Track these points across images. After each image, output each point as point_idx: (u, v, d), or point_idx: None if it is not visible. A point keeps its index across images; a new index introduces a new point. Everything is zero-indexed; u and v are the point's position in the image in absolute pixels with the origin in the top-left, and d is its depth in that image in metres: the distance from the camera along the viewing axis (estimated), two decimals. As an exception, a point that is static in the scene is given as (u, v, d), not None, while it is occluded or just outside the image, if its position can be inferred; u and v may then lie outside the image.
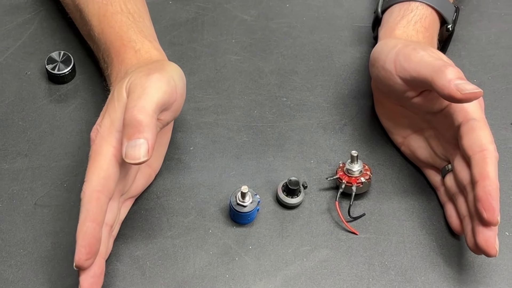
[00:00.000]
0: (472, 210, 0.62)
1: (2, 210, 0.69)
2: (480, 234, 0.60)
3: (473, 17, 0.86)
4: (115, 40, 0.70)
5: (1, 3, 0.85)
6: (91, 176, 0.58)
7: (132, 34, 0.69)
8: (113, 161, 0.59)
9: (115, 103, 0.61)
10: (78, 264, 0.57)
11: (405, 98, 0.68)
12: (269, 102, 0.78)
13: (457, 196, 0.66)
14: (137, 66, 0.65)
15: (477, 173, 0.61)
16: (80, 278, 0.58)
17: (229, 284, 0.66)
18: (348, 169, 0.70)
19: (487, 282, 0.67)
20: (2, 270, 0.66)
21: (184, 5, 0.86)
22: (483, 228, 0.60)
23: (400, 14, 0.74)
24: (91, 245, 0.57)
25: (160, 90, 0.60)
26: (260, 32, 0.84)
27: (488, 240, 0.60)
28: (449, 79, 0.60)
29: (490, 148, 0.62)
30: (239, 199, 0.68)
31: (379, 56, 0.69)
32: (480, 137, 0.62)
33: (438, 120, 0.67)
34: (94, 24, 0.72)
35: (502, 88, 0.80)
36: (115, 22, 0.71)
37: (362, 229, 0.70)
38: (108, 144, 0.59)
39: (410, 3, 0.74)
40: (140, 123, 0.57)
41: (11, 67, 0.79)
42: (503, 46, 0.84)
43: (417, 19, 0.73)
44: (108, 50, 0.70)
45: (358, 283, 0.67)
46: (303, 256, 0.68)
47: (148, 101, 0.58)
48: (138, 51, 0.68)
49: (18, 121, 0.75)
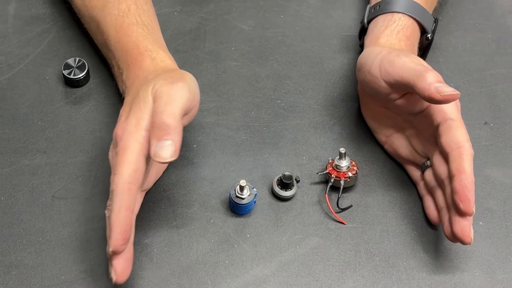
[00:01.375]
0: (449, 202, 0.62)
1: (23, 202, 0.69)
2: (456, 224, 0.61)
3: (450, 27, 0.86)
4: (131, 48, 0.69)
5: (22, 14, 0.85)
6: (122, 169, 0.58)
7: (148, 44, 0.70)
8: (141, 156, 0.59)
9: (141, 105, 0.60)
10: (115, 249, 0.57)
11: (389, 100, 0.68)
12: (265, 104, 0.78)
13: (435, 190, 0.66)
14: (155, 73, 0.65)
15: (454, 168, 0.61)
16: (114, 262, 0.58)
17: (228, 269, 0.66)
18: (336, 165, 0.70)
19: (463, 267, 0.67)
20: (22, 257, 0.66)
21: (188, 16, 0.86)
22: (459, 218, 0.60)
23: (384, 24, 0.73)
24: (126, 231, 0.57)
25: (184, 97, 0.60)
26: (257, 40, 0.84)
27: (464, 229, 0.60)
28: (430, 82, 0.60)
29: (466, 146, 0.62)
30: (238, 192, 0.68)
31: (366, 62, 0.69)
32: (457, 136, 0.62)
33: (418, 120, 0.67)
34: (111, 34, 0.72)
35: (476, 91, 0.80)
36: (132, 33, 0.71)
37: (350, 219, 0.70)
38: (135, 141, 0.59)
39: (394, 14, 0.74)
40: (168, 126, 0.57)
41: (31, 73, 0.79)
42: (477, 53, 0.84)
43: (399, 29, 0.73)
44: (125, 57, 0.70)
45: (346, 268, 0.67)
46: (296, 243, 0.68)
47: (175, 106, 0.59)
48: (154, 59, 0.68)
49: (37, 121, 0.75)
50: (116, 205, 0.57)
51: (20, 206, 0.69)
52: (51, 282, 0.64)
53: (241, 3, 0.87)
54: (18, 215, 0.68)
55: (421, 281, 0.66)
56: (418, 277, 0.66)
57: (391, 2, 0.74)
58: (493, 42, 0.85)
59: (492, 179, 0.73)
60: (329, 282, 0.66)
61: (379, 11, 0.75)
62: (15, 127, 0.75)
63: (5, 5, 0.85)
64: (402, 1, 0.74)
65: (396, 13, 0.74)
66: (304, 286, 0.65)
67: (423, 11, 0.75)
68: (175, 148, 0.57)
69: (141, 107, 0.60)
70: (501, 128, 0.77)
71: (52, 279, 0.64)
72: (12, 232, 0.67)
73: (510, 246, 0.68)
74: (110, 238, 0.57)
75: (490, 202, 0.71)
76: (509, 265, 0.67)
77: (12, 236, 0.67)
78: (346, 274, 0.66)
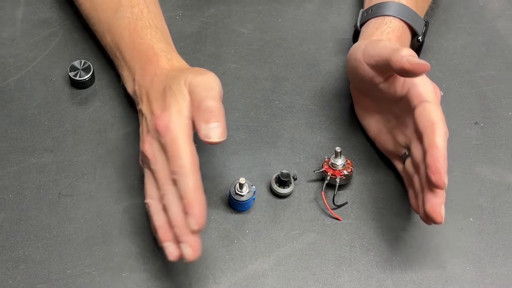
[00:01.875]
0: (423, 181, 0.62)
1: (31, 199, 0.69)
2: (428, 202, 0.60)
3: (441, 31, 0.86)
4: (146, 49, 0.70)
5: (30, 18, 0.84)
6: (182, 153, 0.59)
7: (162, 45, 0.70)
8: (191, 141, 0.60)
9: (177, 97, 0.61)
10: (200, 227, 0.57)
11: (374, 85, 0.68)
12: (263, 105, 0.78)
13: (413, 177, 0.65)
14: (176, 71, 0.66)
15: (427, 143, 0.60)
16: (192, 240, 0.58)
17: (228, 263, 0.66)
18: (332, 163, 0.70)
19: (454, 262, 0.67)
20: (30, 252, 0.65)
21: (190, 20, 0.86)
22: (431, 197, 0.60)
23: (376, 26, 0.74)
24: (205, 209, 0.58)
25: (218, 84, 0.63)
26: (256, 43, 0.84)
27: (434, 207, 0.59)
28: (402, 55, 0.61)
29: (439, 123, 0.61)
30: (237, 190, 0.68)
31: (352, 50, 0.70)
32: (431, 115, 0.62)
33: (400, 108, 0.67)
34: (125, 36, 0.72)
35: (467, 92, 0.80)
36: (146, 35, 0.71)
37: (345, 216, 0.70)
38: (183, 128, 0.60)
39: (385, 17, 0.74)
40: (213, 110, 0.59)
41: (38, 74, 0.79)
42: (468, 56, 0.84)
43: (389, 30, 0.73)
44: (139, 58, 0.70)
45: (341, 262, 0.67)
46: (293, 239, 0.68)
47: (214, 92, 0.61)
48: (170, 60, 0.69)
49: (44, 121, 0.75)
50: (191, 186, 0.58)
51: (28, 203, 0.69)
52: (58, 276, 0.64)
53: (241, 8, 0.87)
54: (26, 211, 0.68)
55: (414, 275, 0.66)
56: (411, 271, 0.66)
57: (383, 6, 0.74)
58: (483, 45, 0.85)
59: (482, 177, 0.73)
60: (325, 276, 0.66)
61: (371, 14, 0.75)
62: (23, 126, 0.74)
63: (13, 9, 0.85)
64: (393, 5, 0.74)
65: (387, 16, 0.74)
66: (301, 280, 0.65)
67: (414, 14, 0.75)
68: (222, 129, 0.59)
69: (178, 99, 0.61)
70: (491, 128, 0.77)
71: (59, 273, 0.64)
72: (20, 228, 0.67)
73: (499, 241, 0.68)
74: (194, 217, 0.57)
75: (480, 199, 0.71)
76: (499, 260, 0.67)
77: (20, 232, 0.67)
78: (341, 268, 0.66)
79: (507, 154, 0.75)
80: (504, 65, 0.83)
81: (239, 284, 0.65)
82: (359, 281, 0.65)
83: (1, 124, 0.74)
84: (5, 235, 0.66)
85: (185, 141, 0.59)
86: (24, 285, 0.63)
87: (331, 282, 0.65)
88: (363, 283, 0.65)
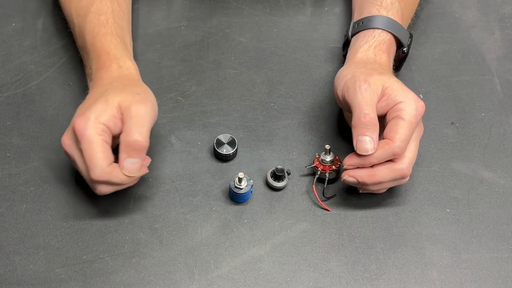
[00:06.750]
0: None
1: (50, 192, 0.69)
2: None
3: (421, 39, 0.86)
4: (103, 54, 0.69)
5: (49, 28, 0.84)
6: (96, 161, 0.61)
7: (117, 53, 0.69)
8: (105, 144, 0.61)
9: (104, 106, 0.61)
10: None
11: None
12: (260, 107, 0.78)
13: None
14: (121, 81, 0.66)
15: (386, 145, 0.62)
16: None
17: (228, 250, 0.66)
18: (322, 159, 0.70)
19: (432, 248, 0.67)
20: (49, 239, 0.65)
21: (193, 30, 0.85)
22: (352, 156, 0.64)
23: (365, 39, 0.73)
24: None
25: (152, 117, 0.63)
26: (253, 51, 0.84)
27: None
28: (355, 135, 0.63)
29: (397, 143, 0.61)
30: (237, 183, 0.67)
31: (336, 81, 0.70)
32: (399, 132, 0.62)
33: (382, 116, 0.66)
34: (89, 38, 0.72)
35: (444, 95, 0.80)
36: (105, 41, 0.70)
37: (334, 207, 0.70)
38: (96, 133, 0.60)
39: (374, 30, 0.73)
40: (138, 146, 0.60)
41: (57, 79, 0.79)
42: (445, 63, 0.84)
43: (376, 44, 0.72)
44: (96, 60, 0.70)
45: (330, 249, 0.66)
46: (287, 228, 0.68)
47: (145, 128, 0.61)
48: (121, 67, 0.68)
49: (62, 121, 0.75)
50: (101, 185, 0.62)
51: (48, 195, 0.68)
52: (74, 261, 0.64)
53: (240, 19, 0.87)
54: (45, 203, 0.68)
55: (396, 260, 0.66)
56: (393, 257, 0.66)
57: (372, 20, 0.74)
58: (458, 53, 0.85)
59: (457, 172, 0.73)
60: (315, 261, 0.65)
61: (362, 26, 0.75)
62: (43, 126, 0.74)
63: (35, 20, 0.85)
64: (382, 18, 0.74)
65: (376, 29, 0.73)
66: (294, 264, 0.65)
67: (400, 27, 0.74)
68: (139, 166, 0.61)
69: (103, 108, 0.61)
70: (466, 127, 0.77)
71: (75, 258, 0.64)
72: (40, 218, 0.67)
73: (473, 230, 0.68)
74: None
75: (456, 191, 0.71)
76: (473, 247, 0.67)
77: (40, 222, 0.66)
78: (330, 254, 0.66)
79: (480, 151, 0.75)
80: (477, 71, 0.83)
81: (238, 268, 0.65)
82: (346, 266, 0.65)
83: (24, 124, 0.74)
84: (27, 224, 0.66)
85: (99, 147, 0.60)
86: (43, 269, 0.63)
87: (321, 267, 0.65)
88: (350, 267, 0.65)
